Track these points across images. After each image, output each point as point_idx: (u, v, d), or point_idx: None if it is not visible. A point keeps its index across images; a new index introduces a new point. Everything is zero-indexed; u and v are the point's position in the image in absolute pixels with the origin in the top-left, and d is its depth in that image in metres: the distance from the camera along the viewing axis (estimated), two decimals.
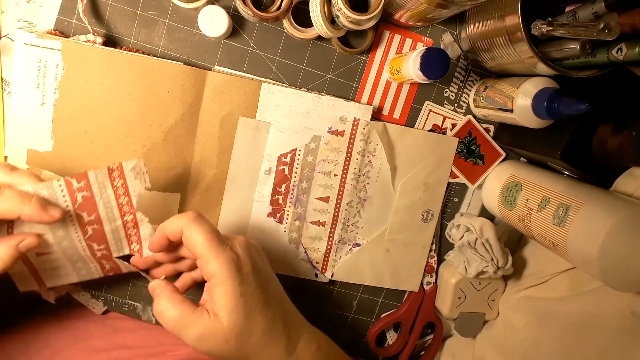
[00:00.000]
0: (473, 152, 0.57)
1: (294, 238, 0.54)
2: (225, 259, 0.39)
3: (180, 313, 0.38)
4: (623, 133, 0.45)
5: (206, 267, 0.39)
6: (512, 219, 0.53)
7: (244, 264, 0.40)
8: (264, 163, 0.52)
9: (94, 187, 0.42)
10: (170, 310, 0.39)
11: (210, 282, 0.39)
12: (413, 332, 0.60)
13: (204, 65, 0.51)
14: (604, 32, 0.40)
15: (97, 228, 0.43)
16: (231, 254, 0.39)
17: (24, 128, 0.47)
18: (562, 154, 0.48)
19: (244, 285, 0.39)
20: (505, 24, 0.45)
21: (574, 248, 0.43)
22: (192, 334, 0.38)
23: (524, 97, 0.47)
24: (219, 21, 0.47)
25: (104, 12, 0.48)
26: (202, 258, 0.39)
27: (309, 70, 0.53)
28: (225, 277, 0.38)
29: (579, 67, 0.46)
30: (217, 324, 0.38)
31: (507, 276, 0.59)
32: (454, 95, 0.56)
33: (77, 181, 0.41)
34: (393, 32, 0.53)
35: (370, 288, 0.59)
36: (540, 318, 0.52)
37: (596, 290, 0.47)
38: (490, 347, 0.57)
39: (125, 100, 0.47)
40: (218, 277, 0.39)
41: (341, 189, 0.54)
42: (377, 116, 0.55)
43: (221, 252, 0.39)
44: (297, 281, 0.57)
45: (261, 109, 0.51)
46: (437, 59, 0.45)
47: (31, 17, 0.47)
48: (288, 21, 0.49)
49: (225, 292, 0.38)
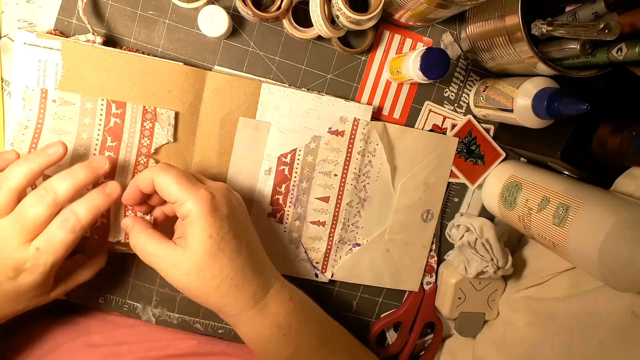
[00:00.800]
0: (473, 152, 0.57)
1: (294, 238, 0.54)
2: (200, 197, 0.39)
3: (152, 245, 0.40)
4: (623, 133, 0.45)
5: (181, 208, 0.40)
6: (512, 219, 0.53)
7: (220, 207, 0.40)
8: (264, 163, 0.52)
9: (127, 118, 0.46)
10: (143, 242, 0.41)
11: (185, 221, 0.40)
12: (413, 332, 0.60)
13: (204, 65, 0.51)
14: (604, 32, 0.40)
15: (112, 156, 0.46)
16: (206, 194, 0.40)
17: None
18: (562, 154, 0.48)
19: (216, 227, 0.39)
20: (505, 24, 0.45)
21: (574, 248, 0.43)
22: (160, 264, 0.40)
23: (524, 97, 0.47)
24: (219, 21, 0.47)
25: (104, 12, 0.48)
26: (177, 201, 0.40)
27: (309, 70, 0.53)
28: (197, 216, 0.39)
29: (579, 67, 0.46)
30: (182, 257, 0.39)
31: (507, 276, 0.59)
32: (454, 95, 0.56)
33: (116, 107, 0.46)
34: (393, 32, 0.53)
35: (370, 288, 0.59)
36: (540, 318, 0.52)
37: (596, 290, 0.47)
38: (490, 347, 0.57)
39: (125, 100, 0.47)
40: (191, 215, 0.39)
41: (341, 189, 0.54)
42: (377, 116, 0.55)
43: (194, 192, 0.39)
44: (297, 281, 0.57)
45: (261, 109, 0.51)
46: (437, 59, 0.45)
47: (31, 17, 0.47)
48: (288, 21, 0.49)
49: (195, 229, 0.39)
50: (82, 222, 0.39)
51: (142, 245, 0.41)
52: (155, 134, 0.47)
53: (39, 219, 0.38)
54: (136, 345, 0.51)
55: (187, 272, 0.39)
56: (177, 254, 0.39)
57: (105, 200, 0.41)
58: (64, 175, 0.39)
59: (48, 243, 0.38)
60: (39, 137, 0.45)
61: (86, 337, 0.51)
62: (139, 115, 0.47)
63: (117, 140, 0.46)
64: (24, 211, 0.38)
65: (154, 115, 0.47)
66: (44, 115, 0.45)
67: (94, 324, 0.53)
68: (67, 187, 0.39)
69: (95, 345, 0.50)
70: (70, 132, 0.46)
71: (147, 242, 0.41)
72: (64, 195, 0.39)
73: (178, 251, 0.39)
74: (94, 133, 0.46)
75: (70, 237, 0.39)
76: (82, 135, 0.46)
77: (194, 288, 0.40)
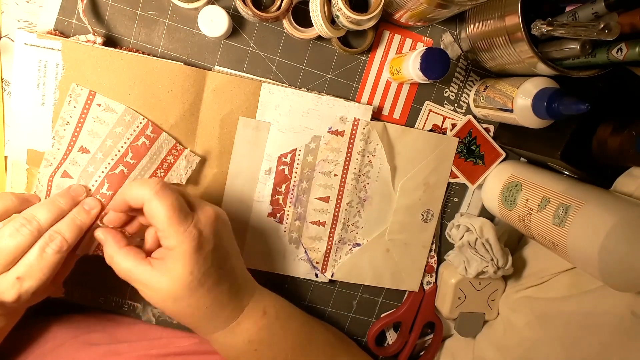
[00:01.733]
0: (473, 152, 0.57)
1: (294, 238, 0.54)
2: (186, 237, 0.38)
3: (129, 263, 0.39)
4: (623, 133, 0.45)
5: (165, 240, 0.39)
6: (512, 219, 0.53)
7: (206, 243, 0.39)
8: (264, 163, 0.52)
9: (155, 144, 0.47)
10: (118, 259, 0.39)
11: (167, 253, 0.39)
12: (413, 332, 0.60)
13: (204, 65, 0.51)
14: (604, 32, 0.40)
15: (124, 172, 0.46)
16: (193, 232, 0.38)
17: (24, 128, 0.47)
18: (562, 154, 0.48)
19: (199, 264, 0.39)
20: (505, 24, 0.45)
21: (574, 248, 0.43)
22: (136, 284, 0.39)
23: (524, 97, 0.47)
24: (219, 21, 0.47)
25: (104, 12, 0.48)
26: (163, 233, 0.38)
27: (309, 70, 0.53)
28: (181, 255, 0.38)
29: (579, 67, 0.46)
30: (159, 283, 0.38)
31: (507, 276, 0.59)
32: (454, 95, 0.56)
33: (152, 131, 0.47)
34: (393, 32, 0.53)
35: (370, 288, 0.59)
36: (541, 318, 0.52)
37: (596, 290, 0.47)
38: (490, 347, 0.57)
39: (125, 100, 0.47)
40: (175, 254, 0.38)
41: (341, 189, 0.54)
42: (377, 116, 0.55)
43: (182, 231, 0.38)
44: (297, 281, 0.57)
45: (261, 109, 0.51)
46: (437, 59, 0.45)
47: (31, 17, 0.47)
48: (288, 21, 0.49)
49: (177, 264, 0.38)
50: (68, 242, 0.39)
51: (117, 262, 0.40)
52: (172, 170, 0.48)
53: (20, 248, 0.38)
54: (136, 343, 0.51)
55: (163, 298, 0.39)
56: (155, 278, 0.38)
57: (87, 218, 0.41)
58: (45, 204, 0.39)
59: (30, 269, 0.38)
60: (77, 136, 0.46)
61: (86, 335, 0.51)
62: (167, 146, 0.48)
63: (136, 159, 0.47)
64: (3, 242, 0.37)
65: (179, 153, 0.48)
66: (86, 116, 0.46)
67: (94, 322, 0.53)
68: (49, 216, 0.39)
69: (95, 343, 0.50)
70: (101, 136, 0.47)
71: (123, 260, 0.39)
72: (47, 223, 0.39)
73: (155, 276, 0.38)
74: (119, 143, 0.46)
75: (57, 258, 0.39)
76: (107, 142, 0.46)
77: (168, 311, 0.41)
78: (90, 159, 0.46)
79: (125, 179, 0.46)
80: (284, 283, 0.57)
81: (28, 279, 0.38)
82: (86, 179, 0.46)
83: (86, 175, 0.46)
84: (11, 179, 0.48)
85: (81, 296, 0.53)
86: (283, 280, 0.56)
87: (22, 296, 0.38)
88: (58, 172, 0.46)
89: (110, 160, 0.46)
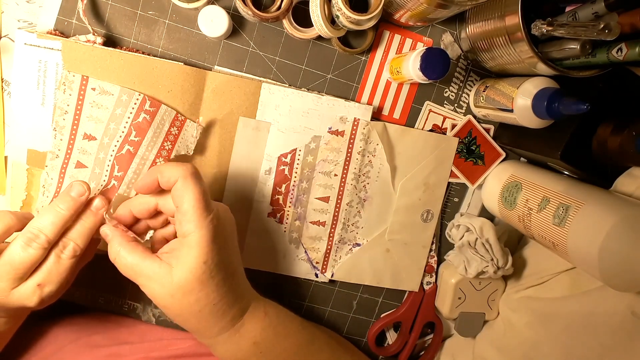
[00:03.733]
0: (473, 152, 0.57)
1: (294, 238, 0.54)
2: (207, 226, 0.38)
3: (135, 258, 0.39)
4: (623, 133, 0.45)
5: (184, 225, 0.38)
6: (512, 219, 0.53)
7: (220, 235, 0.40)
8: (264, 163, 0.52)
9: (156, 118, 0.46)
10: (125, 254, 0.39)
11: (181, 239, 0.39)
12: (413, 332, 0.60)
13: (204, 65, 0.51)
14: (604, 32, 0.40)
15: (130, 151, 0.46)
16: (215, 222, 0.39)
17: (24, 128, 0.47)
18: (562, 154, 0.48)
19: (213, 254, 0.39)
20: (505, 24, 0.45)
21: (574, 248, 0.43)
22: (143, 280, 0.39)
23: (524, 97, 0.47)
24: (219, 21, 0.47)
25: (104, 12, 0.48)
26: (185, 216, 0.38)
27: (309, 70, 0.53)
28: (198, 244, 0.38)
29: (579, 67, 0.46)
30: (168, 276, 0.38)
31: (507, 276, 0.59)
32: (454, 95, 0.56)
33: (150, 105, 0.46)
34: (393, 32, 0.53)
35: (370, 288, 0.59)
36: (541, 318, 0.52)
37: (596, 290, 0.47)
38: (490, 347, 0.57)
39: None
40: (191, 241, 0.38)
41: (341, 189, 0.54)
42: (377, 116, 0.55)
43: (204, 219, 0.38)
44: (297, 281, 0.57)
45: (261, 109, 0.51)
46: (437, 59, 0.45)
47: (31, 17, 0.47)
48: (288, 21, 0.49)
49: (192, 252, 0.38)
50: (81, 247, 0.40)
51: (123, 257, 0.39)
52: (179, 141, 0.48)
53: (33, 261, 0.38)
54: (137, 345, 0.51)
55: (172, 292, 0.38)
56: (163, 271, 0.38)
57: (95, 219, 0.41)
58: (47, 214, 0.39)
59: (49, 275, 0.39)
60: (78, 124, 0.46)
61: (88, 337, 0.51)
62: (169, 118, 0.47)
63: (140, 136, 0.46)
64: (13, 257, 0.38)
65: (182, 124, 0.48)
66: (82, 102, 0.46)
67: (94, 324, 0.53)
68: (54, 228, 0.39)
69: (97, 345, 0.50)
70: (103, 120, 0.46)
71: (129, 255, 0.39)
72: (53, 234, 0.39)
73: (164, 269, 0.38)
74: (121, 124, 0.46)
75: (72, 261, 0.40)
76: (110, 125, 0.46)
77: (175, 308, 0.39)
78: (99, 146, 0.46)
79: (133, 157, 0.46)
80: (284, 283, 0.56)
81: (48, 284, 0.39)
82: (100, 166, 0.46)
83: (99, 162, 0.46)
84: (11, 179, 0.48)
85: (81, 296, 0.53)
86: (283, 280, 0.56)
87: (45, 300, 0.39)
88: (70, 163, 0.46)
89: (116, 143, 0.46)
